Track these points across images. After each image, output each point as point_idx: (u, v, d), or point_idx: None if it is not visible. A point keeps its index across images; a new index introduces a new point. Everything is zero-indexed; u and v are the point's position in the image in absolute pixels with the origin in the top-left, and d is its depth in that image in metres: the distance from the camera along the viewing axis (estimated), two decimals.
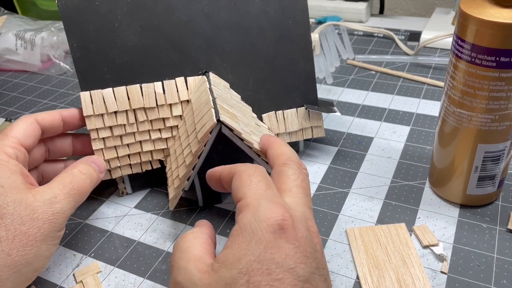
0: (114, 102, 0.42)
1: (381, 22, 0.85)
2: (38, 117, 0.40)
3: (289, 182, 0.32)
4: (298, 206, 0.30)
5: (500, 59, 0.34)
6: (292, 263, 0.26)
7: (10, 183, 0.34)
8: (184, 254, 0.30)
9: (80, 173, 0.38)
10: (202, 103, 0.40)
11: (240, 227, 0.28)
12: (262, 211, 0.28)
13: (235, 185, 0.31)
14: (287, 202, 0.30)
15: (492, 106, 0.36)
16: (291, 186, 0.32)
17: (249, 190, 0.30)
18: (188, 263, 0.29)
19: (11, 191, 0.34)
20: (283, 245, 0.27)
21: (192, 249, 0.30)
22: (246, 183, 0.30)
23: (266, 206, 0.28)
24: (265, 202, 0.29)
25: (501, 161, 0.40)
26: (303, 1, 0.46)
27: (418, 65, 0.68)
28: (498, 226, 0.40)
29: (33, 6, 0.91)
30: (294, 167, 0.33)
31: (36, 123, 0.40)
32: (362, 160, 0.50)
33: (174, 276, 0.29)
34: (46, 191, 0.35)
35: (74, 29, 0.42)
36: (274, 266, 0.26)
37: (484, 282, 0.36)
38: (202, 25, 0.44)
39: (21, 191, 0.34)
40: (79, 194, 0.37)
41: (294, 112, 0.47)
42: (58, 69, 0.74)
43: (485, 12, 0.34)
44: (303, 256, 0.27)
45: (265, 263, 0.26)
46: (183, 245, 0.30)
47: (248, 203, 0.29)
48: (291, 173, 0.33)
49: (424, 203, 0.43)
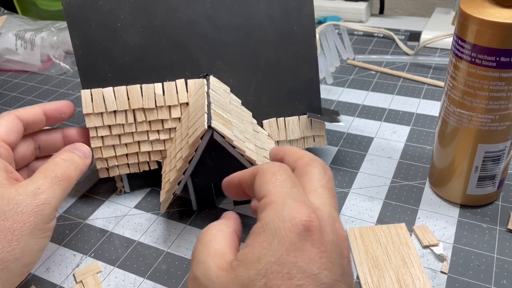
0: (113, 101, 0.42)
1: (381, 22, 0.85)
2: (19, 112, 0.40)
3: (314, 182, 0.30)
4: (324, 206, 0.28)
5: (500, 59, 0.34)
6: (315, 269, 0.25)
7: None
8: (205, 247, 0.28)
9: (63, 161, 0.38)
10: (198, 107, 0.40)
11: (263, 225, 0.26)
12: (287, 210, 0.26)
13: (258, 183, 0.29)
14: (313, 203, 0.28)
15: (492, 106, 0.36)
16: (316, 187, 0.30)
17: (274, 188, 0.28)
18: (208, 257, 0.27)
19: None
20: (307, 248, 0.25)
21: (214, 243, 0.28)
22: (270, 181, 0.29)
23: (291, 205, 0.26)
24: (291, 201, 0.27)
25: (501, 161, 0.40)
26: (309, 6, 0.45)
27: (418, 65, 0.68)
28: (498, 226, 0.40)
29: (33, 6, 0.91)
30: (318, 167, 0.31)
31: (17, 118, 0.40)
32: (362, 160, 0.50)
33: (193, 270, 0.28)
34: (28, 184, 0.35)
35: (77, 27, 0.42)
36: (295, 270, 0.24)
37: (484, 282, 0.36)
38: (204, 27, 0.44)
39: (3, 186, 0.34)
40: (65, 182, 0.37)
41: (296, 119, 0.46)
42: (58, 69, 0.74)
43: (485, 12, 0.34)
44: (328, 261, 0.25)
45: (286, 266, 0.24)
46: (205, 238, 0.29)
47: (272, 200, 0.27)
48: (316, 173, 0.31)
49: (424, 203, 0.43)
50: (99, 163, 0.44)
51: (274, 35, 0.45)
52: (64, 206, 0.47)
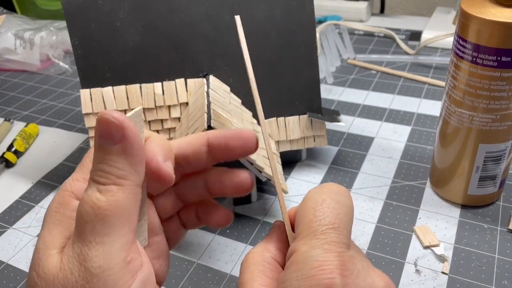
0: (113, 101, 0.42)
1: (382, 21, 0.84)
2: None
3: None
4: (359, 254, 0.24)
5: (501, 58, 0.34)
6: None
7: None
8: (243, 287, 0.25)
9: None
10: (198, 106, 0.40)
11: (281, 284, 0.22)
12: (309, 264, 0.22)
13: (296, 218, 0.25)
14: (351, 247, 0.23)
15: (493, 106, 0.36)
16: None
17: (307, 229, 0.23)
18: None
19: None
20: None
21: (251, 283, 0.24)
22: (307, 218, 0.24)
23: (315, 258, 0.22)
24: (318, 249, 0.22)
25: (502, 161, 0.39)
26: (309, 6, 0.45)
27: (419, 64, 0.68)
28: (499, 227, 0.40)
29: (32, 6, 0.91)
30: None
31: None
32: (362, 160, 0.49)
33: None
34: None
35: (77, 26, 0.42)
36: None
37: (485, 283, 0.36)
38: (204, 27, 0.44)
39: None
40: None
41: (296, 119, 0.46)
42: (57, 69, 0.74)
43: (486, 12, 0.33)
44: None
45: None
46: (244, 276, 0.25)
47: (296, 249, 0.23)
48: None
49: (425, 203, 0.43)
50: None
51: (275, 34, 0.45)
52: None
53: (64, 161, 0.53)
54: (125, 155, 0.23)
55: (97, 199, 0.22)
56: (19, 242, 0.43)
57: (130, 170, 0.23)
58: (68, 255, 0.23)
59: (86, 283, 0.22)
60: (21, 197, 0.48)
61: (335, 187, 0.25)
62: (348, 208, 0.24)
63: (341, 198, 0.25)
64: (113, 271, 0.22)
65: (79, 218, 0.22)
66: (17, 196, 0.49)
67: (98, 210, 0.22)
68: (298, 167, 0.49)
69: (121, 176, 0.23)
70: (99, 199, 0.22)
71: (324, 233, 0.23)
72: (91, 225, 0.22)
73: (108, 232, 0.22)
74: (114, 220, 0.22)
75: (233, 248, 0.41)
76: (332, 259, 0.22)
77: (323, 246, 0.22)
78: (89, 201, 0.22)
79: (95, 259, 0.22)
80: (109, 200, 0.22)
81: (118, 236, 0.22)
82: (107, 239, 0.22)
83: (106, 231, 0.22)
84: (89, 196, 0.23)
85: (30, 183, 0.50)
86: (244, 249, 0.40)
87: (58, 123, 0.61)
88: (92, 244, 0.22)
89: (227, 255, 0.40)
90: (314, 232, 0.23)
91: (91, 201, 0.22)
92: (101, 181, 0.23)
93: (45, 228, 0.24)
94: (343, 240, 0.23)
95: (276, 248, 0.26)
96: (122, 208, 0.23)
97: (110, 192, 0.23)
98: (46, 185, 0.50)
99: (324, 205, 0.24)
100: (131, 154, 0.23)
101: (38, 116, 0.63)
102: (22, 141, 0.55)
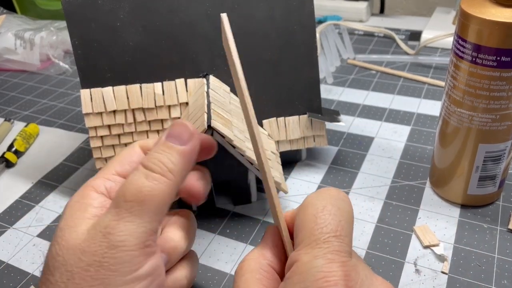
0: (113, 101, 0.42)
1: (382, 21, 0.84)
2: (142, 142, 0.31)
3: None
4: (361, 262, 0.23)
5: (501, 58, 0.34)
6: None
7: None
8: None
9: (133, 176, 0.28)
10: (198, 106, 0.40)
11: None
12: (312, 276, 0.21)
13: (296, 225, 0.24)
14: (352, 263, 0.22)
15: (493, 105, 0.36)
16: None
17: (308, 238, 0.23)
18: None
19: None
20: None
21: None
22: (308, 225, 0.23)
23: (318, 268, 0.21)
24: (321, 259, 0.22)
25: (502, 161, 0.39)
26: (309, 6, 0.45)
27: (419, 64, 0.68)
28: (499, 226, 0.40)
29: (32, 6, 0.91)
30: None
31: (138, 147, 0.31)
32: (362, 160, 0.49)
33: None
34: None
35: (77, 26, 0.42)
36: None
37: (485, 283, 0.36)
38: (204, 27, 0.44)
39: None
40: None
41: (296, 119, 0.46)
42: (57, 69, 0.74)
43: (486, 12, 0.33)
44: None
45: None
46: (240, 284, 0.25)
47: (298, 258, 0.22)
48: None
49: (425, 203, 0.43)
50: (99, 163, 0.44)
51: (275, 34, 0.45)
52: (64, 206, 0.47)
53: (64, 161, 0.53)
54: (182, 157, 0.26)
55: (143, 183, 0.25)
56: (19, 242, 0.43)
57: (180, 170, 0.26)
58: (94, 228, 0.25)
59: (105, 252, 0.24)
60: (21, 197, 0.48)
61: (335, 192, 0.25)
62: (348, 215, 0.24)
63: (342, 204, 0.24)
64: (132, 248, 0.24)
65: (121, 195, 0.25)
66: (17, 196, 0.49)
67: (141, 193, 0.25)
68: (298, 167, 0.49)
69: (172, 170, 0.26)
70: (144, 184, 0.25)
71: (327, 241, 0.22)
72: (129, 204, 0.25)
73: (140, 215, 0.25)
74: (150, 206, 0.25)
75: (233, 248, 0.41)
76: (336, 269, 0.21)
77: (326, 255, 0.22)
78: (135, 183, 0.25)
79: (120, 233, 0.24)
80: (152, 188, 0.25)
81: (147, 221, 0.25)
82: (137, 220, 0.24)
83: (139, 213, 0.25)
84: (135, 179, 0.25)
85: (30, 183, 0.50)
86: (244, 249, 0.40)
87: (58, 123, 0.61)
88: (123, 220, 0.24)
89: (227, 255, 0.40)
90: (316, 240, 0.22)
91: (137, 184, 0.25)
92: (153, 168, 0.26)
93: (66, 214, 0.27)
94: (346, 248, 0.22)
95: (272, 255, 0.26)
96: (159, 198, 0.25)
97: (156, 180, 0.25)
98: (46, 185, 0.50)
99: (325, 212, 0.23)
100: (187, 159, 0.27)
101: (38, 116, 0.63)
102: (22, 141, 0.55)
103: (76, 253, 0.24)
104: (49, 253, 0.25)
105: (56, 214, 0.46)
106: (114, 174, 0.29)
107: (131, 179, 0.25)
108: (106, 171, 0.29)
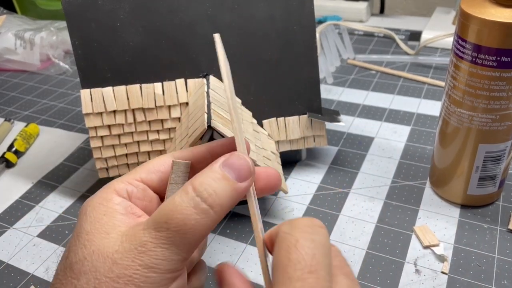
0: (113, 101, 0.42)
1: (382, 21, 0.84)
2: (176, 153, 0.29)
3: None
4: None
5: (501, 58, 0.34)
6: None
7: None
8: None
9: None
10: (198, 106, 0.40)
11: None
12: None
13: (273, 263, 0.23)
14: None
15: (493, 106, 0.36)
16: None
17: (282, 276, 0.21)
18: None
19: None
20: None
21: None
22: (281, 263, 0.22)
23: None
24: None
25: (502, 161, 0.39)
26: (309, 6, 0.45)
27: (419, 64, 0.68)
28: (499, 226, 0.40)
29: (33, 6, 0.91)
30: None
31: (170, 158, 0.29)
32: (362, 160, 0.49)
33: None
34: None
35: (77, 26, 0.42)
36: None
37: (485, 283, 0.36)
38: (204, 27, 0.44)
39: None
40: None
41: (296, 119, 0.46)
42: (57, 69, 0.74)
43: (486, 12, 0.33)
44: None
45: None
46: None
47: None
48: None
49: (425, 203, 0.43)
50: (99, 163, 0.44)
51: (274, 34, 0.45)
52: (64, 206, 0.47)
53: (64, 161, 0.53)
54: (235, 194, 0.24)
55: (190, 215, 0.23)
56: (19, 242, 0.43)
57: (228, 207, 0.25)
58: (129, 242, 0.24)
59: (137, 270, 0.23)
60: (21, 197, 0.48)
61: (308, 222, 0.23)
62: (323, 246, 0.22)
63: (316, 235, 0.22)
64: (164, 272, 0.24)
65: (164, 219, 0.24)
66: (17, 196, 0.49)
67: (185, 226, 0.23)
68: (298, 167, 0.49)
69: (222, 204, 0.24)
70: (192, 216, 0.23)
71: (300, 279, 0.21)
72: (171, 233, 0.23)
73: (180, 245, 0.24)
74: (191, 240, 0.24)
75: (233, 248, 0.41)
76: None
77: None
78: (181, 211, 0.23)
79: (156, 257, 0.23)
80: (198, 222, 0.23)
81: (184, 251, 0.24)
82: (175, 249, 0.23)
83: (179, 244, 0.23)
84: (183, 206, 0.23)
85: (30, 183, 0.50)
86: (244, 249, 0.40)
87: (58, 123, 0.61)
88: (161, 245, 0.23)
89: (227, 255, 0.40)
90: (290, 279, 0.21)
91: (184, 213, 0.23)
92: (204, 196, 0.24)
93: (91, 217, 0.25)
94: (322, 283, 0.21)
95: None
96: (203, 233, 0.24)
97: (204, 214, 0.23)
98: (46, 185, 0.50)
99: (298, 247, 0.22)
100: (238, 198, 0.25)
101: (38, 116, 0.63)
102: (22, 141, 0.55)
103: (107, 263, 0.23)
104: (74, 255, 0.24)
105: (56, 214, 0.46)
106: (138, 180, 0.27)
107: (178, 203, 0.24)
108: (131, 175, 0.28)
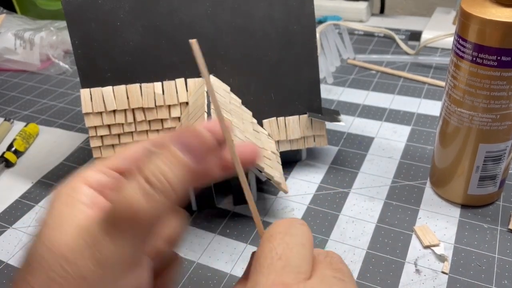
0: (113, 101, 0.42)
1: (382, 21, 0.84)
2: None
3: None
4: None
5: (501, 58, 0.34)
6: None
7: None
8: None
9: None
10: (198, 106, 0.40)
11: None
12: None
13: (253, 264, 0.23)
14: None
15: (493, 105, 0.36)
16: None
17: (254, 267, 0.22)
18: None
19: None
20: None
21: None
22: (257, 254, 0.22)
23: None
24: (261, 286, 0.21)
25: (502, 161, 0.39)
26: (309, 6, 0.44)
27: (419, 64, 0.68)
28: (499, 226, 0.40)
29: (32, 6, 0.91)
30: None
31: (149, 144, 0.27)
32: (362, 160, 0.49)
33: None
34: None
35: (77, 26, 0.42)
36: None
37: (485, 283, 0.36)
38: (204, 27, 0.44)
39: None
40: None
41: (296, 119, 0.46)
42: (57, 69, 0.74)
43: (486, 11, 0.33)
44: None
45: None
46: None
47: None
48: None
49: (425, 203, 0.43)
50: None
51: (275, 34, 0.45)
52: None
53: (64, 161, 0.53)
54: (190, 175, 0.22)
55: (139, 203, 0.21)
56: (19, 242, 0.43)
57: (183, 189, 0.22)
58: (83, 238, 0.22)
59: (90, 269, 0.21)
60: (21, 197, 0.48)
61: (286, 221, 0.23)
62: (299, 238, 0.22)
63: (293, 230, 0.23)
64: (119, 267, 0.22)
65: (113, 208, 0.22)
66: (17, 196, 0.49)
67: (135, 215, 0.21)
68: (298, 167, 0.49)
69: (175, 188, 0.22)
70: (141, 204, 0.21)
71: (271, 265, 0.21)
72: (121, 223, 0.22)
73: (132, 236, 0.22)
74: (143, 227, 0.22)
75: (233, 248, 0.41)
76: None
77: (268, 278, 0.21)
78: (130, 199, 0.21)
79: (108, 252, 0.22)
80: (147, 210, 0.21)
81: (138, 241, 0.22)
82: (127, 241, 0.22)
83: (131, 234, 0.22)
84: (131, 194, 0.21)
85: (30, 183, 0.50)
86: (244, 249, 0.40)
87: (58, 123, 0.61)
88: (113, 237, 0.22)
89: (227, 255, 0.40)
90: (260, 265, 0.21)
91: (132, 202, 0.21)
92: (153, 182, 0.21)
93: (54, 208, 0.24)
94: (291, 269, 0.21)
95: None
96: (155, 219, 0.22)
97: (154, 201, 0.21)
98: (46, 185, 0.50)
99: (272, 239, 0.22)
100: (195, 179, 0.23)
101: (38, 116, 0.63)
102: (22, 141, 0.55)
103: (60, 261, 0.22)
104: (32, 250, 0.23)
105: None
106: (112, 168, 0.25)
107: (126, 193, 0.21)
108: (103, 163, 0.25)
